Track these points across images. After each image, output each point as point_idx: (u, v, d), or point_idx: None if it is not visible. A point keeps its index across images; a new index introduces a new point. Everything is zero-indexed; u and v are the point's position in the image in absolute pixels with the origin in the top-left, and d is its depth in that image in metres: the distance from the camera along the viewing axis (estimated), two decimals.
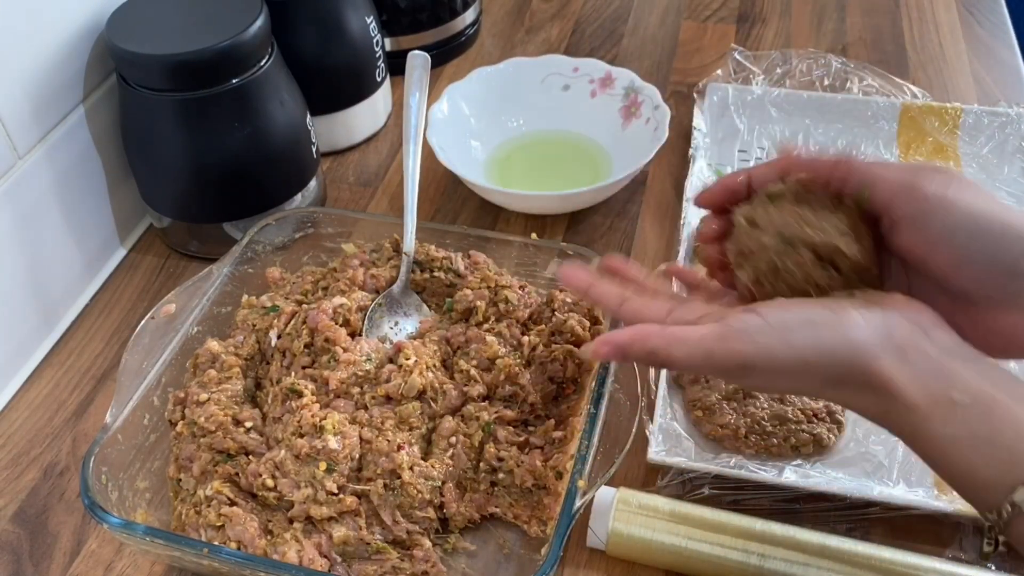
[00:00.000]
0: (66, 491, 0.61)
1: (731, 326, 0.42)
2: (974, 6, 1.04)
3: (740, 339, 0.41)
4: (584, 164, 0.83)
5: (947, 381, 0.39)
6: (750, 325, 0.41)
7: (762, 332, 0.41)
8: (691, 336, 0.42)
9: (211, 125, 0.69)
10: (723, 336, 0.41)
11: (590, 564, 0.56)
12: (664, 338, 0.43)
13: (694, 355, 0.42)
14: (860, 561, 0.51)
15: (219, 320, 0.66)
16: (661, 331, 0.43)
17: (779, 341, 0.40)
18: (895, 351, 0.40)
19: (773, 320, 0.41)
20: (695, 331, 0.42)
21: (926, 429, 0.39)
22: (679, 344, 0.42)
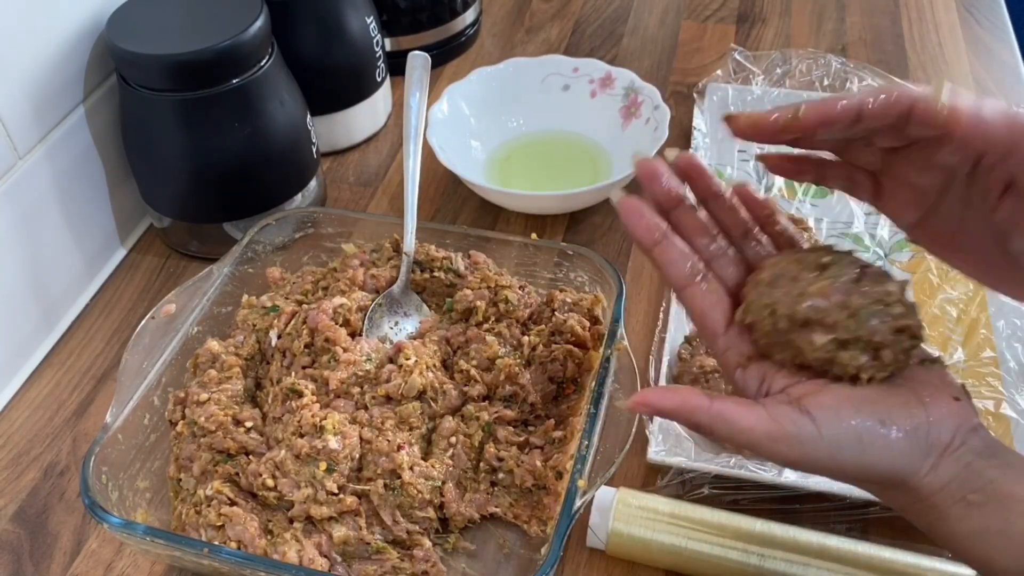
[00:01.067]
0: (66, 491, 0.61)
1: (782, 428, 0.41)
2: (974, 6, 1.04)
3: (789, 445, 0.41)
4: (584, 164, 0.83)
5: (969, 485, 0.40)
6: (803, 433, 0.41)
7: (813, 444, 0.40)
8: (739, 422, 0.41)
9: (211, 125, 0.69)
10: (772, 436, 0.41)
11: (590, 564, 0.56)
12: (710, 417, 0.42)
13: (737, 439, 0.42)
14: (860, 561, 0.51)
15: (219, 320, 0.66)
16: (708, 409, 0.42)
17: (827, 456, 0.41)
18: (930, 463, 0.40)
19: (827, 434, 0.41)
20: (743, 417, 0.41)
21: (945, 526, 0.41)
22: (724, 426, 0.42)
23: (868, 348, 0.42)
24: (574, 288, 0.66)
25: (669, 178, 0.47)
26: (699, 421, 0.42)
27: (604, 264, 0.64)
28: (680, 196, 0.47)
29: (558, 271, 0.68)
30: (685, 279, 0.46)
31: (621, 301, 0.61)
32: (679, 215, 0.47)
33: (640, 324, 0.70)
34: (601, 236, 0.78)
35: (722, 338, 0.46)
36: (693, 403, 0.42)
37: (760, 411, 0.42)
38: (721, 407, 0.42)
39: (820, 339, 0.42)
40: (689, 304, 0.47)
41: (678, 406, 0.42)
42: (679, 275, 0.46)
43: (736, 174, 0.81)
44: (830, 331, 0.42)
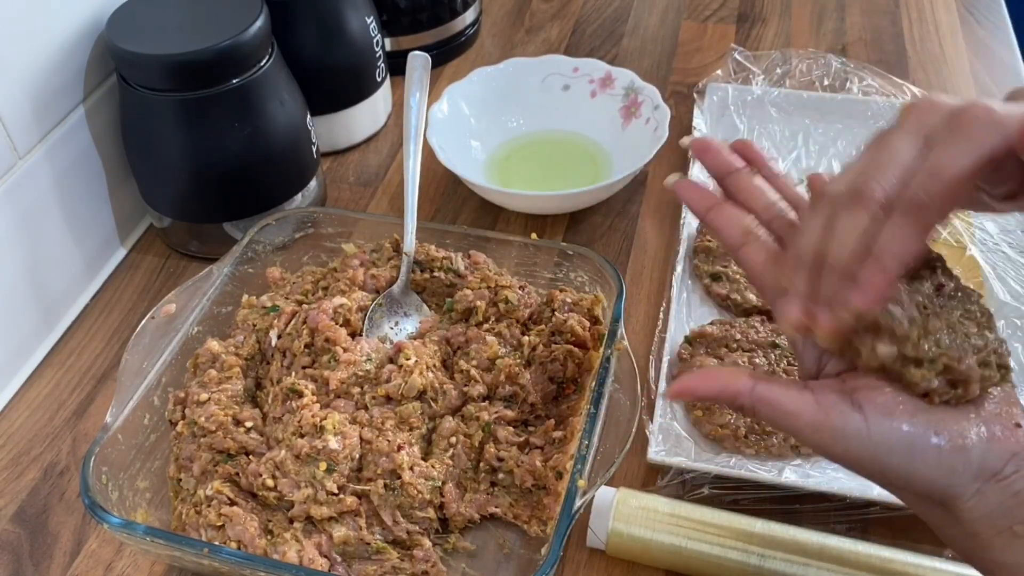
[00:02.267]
0: (66, 491, 0.61)
1: (829, 419, 0.39)
2: (974, 6, 1.04)
3: (833, 437, 0.39)
4: (584, 164, 0.83)
5: (1015, 516, 0.38)
6: (850, 427, 0.39)
7: (859, 441, 0.39)
8: (784, 406, 0.40)
9: (211, 125, 0.69)
10: (816, 426, 0.39)
11: (590, 564, 0.56)
12: (752, 400, 0.40)
13: (780, 424, 0.41)
14: (860, 561, 0.51)
15: (219, 320, 0.66)
16: (750, 392, 0.40)
17: (871, 456, 0.39)
18: (977, 488, 0.38)
19: (876, 432, 0.39)
20: (789, 402, 0.40)
21: (986, 556, 0.39)
22: (768, 409, 0.40)
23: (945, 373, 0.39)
24: (574, 288, 0.66)
25: (721, 148, 0.47)
26: (742, 404, 0.41)
27: (604, 264, 0.64)
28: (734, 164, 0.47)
29: (558, 271, 0.68)
30: (739, 238, 0.45)
31: (621, 301, 0.61)
32: (736, 180, 0.47)
33: (640, 324, 0.70)
34: (601, 236, 0.78)
35: (780, 300, 0.43)
36: (735, 387, 0.41)
37: (807, 397, 0.40)
38: (764, 390, 0.40)
39: (884, 349, 0.39)
40: (745, 264, 0.45)
41: (719, 391, 0.41)
42: (734, 235, 0.45)
43: None
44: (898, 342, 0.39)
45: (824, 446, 0.39)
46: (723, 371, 0.42)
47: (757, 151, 0.47)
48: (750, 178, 0.46)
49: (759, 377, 0.41)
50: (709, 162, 0.47)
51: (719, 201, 0.46)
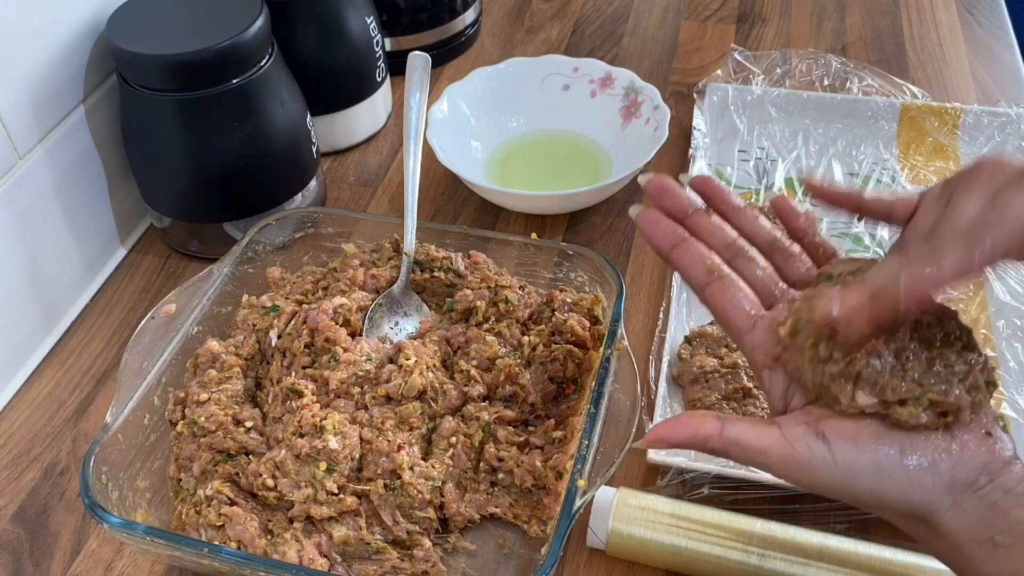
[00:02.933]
0: (66, 491, 0.61)
1: (795, 452, 0.40)
2: (974, 6, 1.04)
3: (801, 469, 0.40)
4: (584, 164, 0.83)
5: (995, 526, 0.38)
6: (816, 458, 0.40)
7: (827, 470, 0.39)
8: (752, 446, 0.41)
9: (211, 125, 0.69)
10: (784, 460, 0.40)
11: (590, 564, 0.56)
12: (723, 443, 0.41)
13: (751, 463, 0.41)
14: (860, 561, 0.51)
15: (219, 320, 0.66)
16: (719, 436, 0.41)
17: (841, 483, 0.40)
18: (952, 500, 0.39)
19: (841, 460, 0.39)
20: (756, 440, 0.41)
21: (970, 566, 0.39)
22: (738, 450, 0.41)
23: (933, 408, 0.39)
24: (574, 288, 0.66)
25: (677, 190, 0.48)
26: (713, 448, 0.41)
27: (604, 264, 0.64)
28: (693, 204, 0.47)
29: (558, 271, 0.68)
30: (704, 278, 0.45)
31: (621, 301, 0.61)
32: (695, 220, 0.47)
33: (640, 324, 0.70)
34: (601, 236, 0.78)
35: (747, 336, 0.45)
36: (704, 432, 0.41)
37: (774, 432, 0.41)
38: (732, 432, 0.41)
39: (865, 399, 0.40)
40: (711, 303, 0.46)
41: (689, 437, 0.42)
42: (698, 275, 0.46)
43: (736, 174, 0.81)
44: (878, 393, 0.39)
45: (795, 478, 0.40)
46: (692, 417, 0.42)
47: (716, 186, 0.48)
48: (707, 218, 0.47)
49: (726, 419, 0.42)
50: (666, 204, 0.47)
51: (683, 238, 0.47)
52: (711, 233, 0.47)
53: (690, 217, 0.47)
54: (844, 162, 0.81)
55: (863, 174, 0.80)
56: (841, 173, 0.80)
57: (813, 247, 0.47)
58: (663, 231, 0.47)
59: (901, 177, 0.80)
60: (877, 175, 0.80)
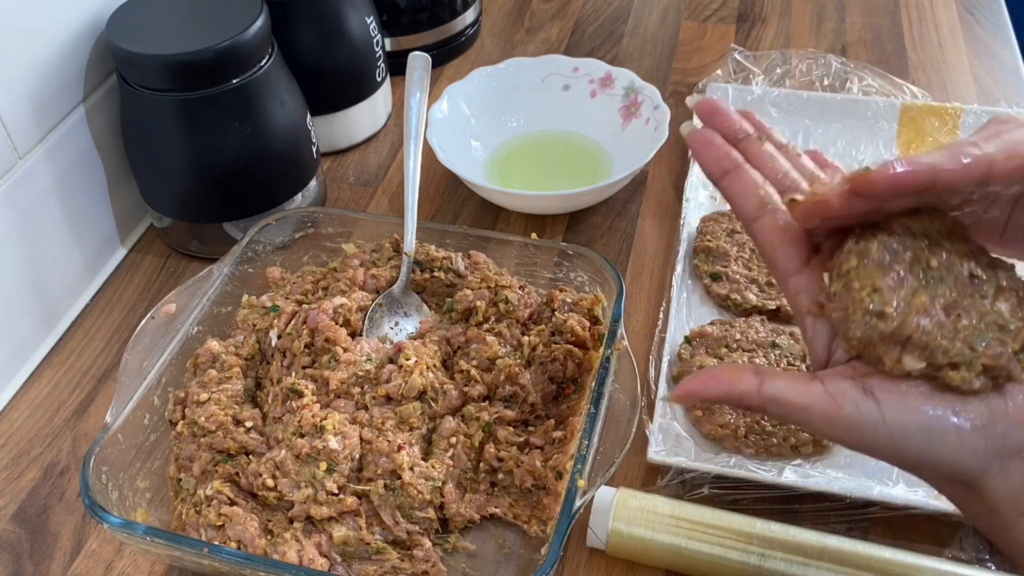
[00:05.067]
0: (66, 491, 0.61)
1: (841, 410, 0.37)
2: (974, 6, 1.04)
3: (847, 428, 0.37)
4: (584, 164, 0.83)
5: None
6: (864, 417, 0.37)
7: (875, 430, 0.37)
8: (792, 402, 0.38)
9: (211, 125, 0.69)
10: (829, 418, 0.37)
11: (590, 564, 0.56)
12: (761, 400, 0.39)
13: (792, 420, 0.39)
14: (860, 561, 0.51)
15: (219, 320, 0.66)
16: (758, 392, 0.39)
17: (888, 443, 0.37)
18: (1000, 465, 0.37)
19: (891, 420, 0.37)
20: (798, 396, 0.38)
21: (1009, 535, 0.38)
22: (776, 406, 0.39)
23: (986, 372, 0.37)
24: (574, 288, 0.66)
25: (729, 112, 0.45)
26: (750, 404, 0.39)
27: (604, 264, 0.64)
28: (744, 129, 0.45)
29: (558, 271, 0.68)
30: (755, 210, 0.42)
31: (621, 301, 0.61)
32: (747, 146, 0.45)
33: (640, 324, 0.70)
34: (601, 236, 0.78)
35: (793, 279, 0.41)
36: (740, 388, 0.39)
37: (817, 388, 0.38)
38: (772, 388, 0.38)
39: (912, 363, 0.37)
40: (758, 238, 0.43)
41: (724, 393, 0.39)
42: (749, 206, 0.43)
43: None
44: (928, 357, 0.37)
45: (839, 437, 0.38)
46: (726, 371, 0.39)
47: (760, 121, 0.46)
48: (760, 145, 0.45)
49: (764, 373, 0.39)
50: (718, 125, 0.45)
51: (736, 164, 0.44)
52: (763, 163, 0.44)
53: (742, 142, 0.45)
54: (844, 162, 0.81)
55: None
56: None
57: None
58: (716, 153, 0.44)
59: None
60: None
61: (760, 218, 0.42)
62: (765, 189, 0.43)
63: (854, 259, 0.39)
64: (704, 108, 0.45)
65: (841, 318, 0.39)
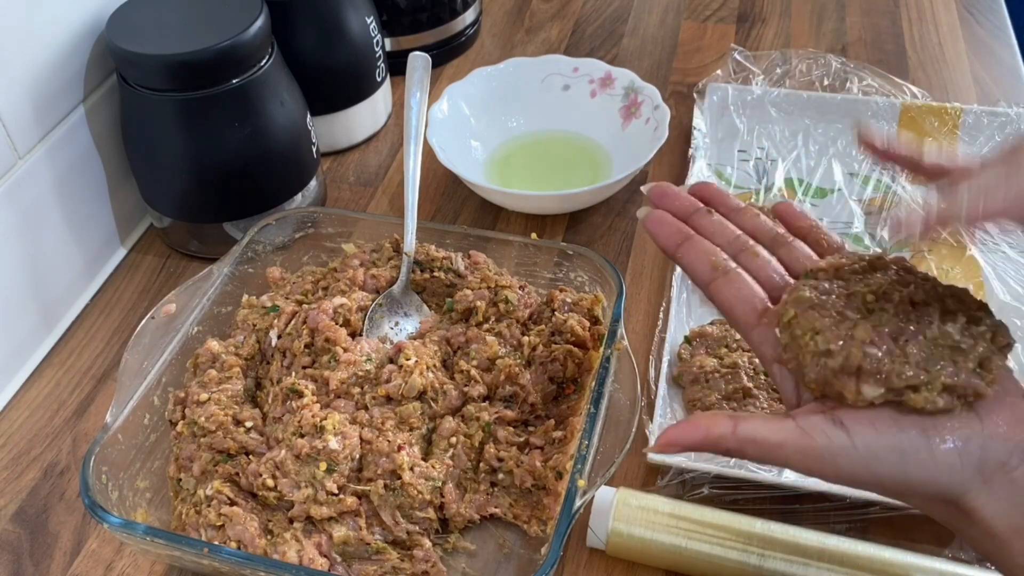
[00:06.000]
0: (66, 491, 0.61)
1: (813, 442, 0.38)
2: (974, 6, 1.04)
3: (822, 460, 0.38)
4: (584, 164, 0.83)
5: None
6: (835, 445, 0.38)
7: (847, 457, 0.38)
8: (768, 440, 0.39)
9: (211, 125, 0.69)
10: (803, 451, 0.38)
11: (590, 564, 0.56)
12: (737, 441, 0.39)
13: (769, 458, 0.40)
14: (860, 561, 0.51)
15: (219, 320, 0.66)
16: (733, 434, 0.40)
17: (863, 470, 0.38)
18: (983, 482, 0.37)
19: (861, 444, 0.38)
20: (771, 435, 0.39)
21: (1005, 556, 0.38)
22: (753, 447, 0.39)
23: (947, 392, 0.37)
24: (574, 288, 0.66)
25: (680, 193, 0.49)
26: (728, 448, 0.40)
27: (604, 264, 0.64)
28: (695, 205, 0.48)
29: (558, 271, 0.68)
30: (709, 274, 0.45)
31: (621, 301, 0.61)
32: (698, 219, 0.48)
33: (640, 324, 0.70)
34: (601, 236, 0.78)
35: (755, 331, 0.44)
36: (717, 432, 0.40)
37: (789, 425, 0.39)
38: (746, 429, 0.40)
39: (871, 391, 0.38)
40: (716, 298, 0.45)
41: (702, 439, 0.40)
42: (704, 271, 0.46)
43: (736, 174, 0.81)
44: (884, 383, 0.38)
45: (815, 470, 0.39)
46: (703, 418, 0.41)
47: (716, 190, 0.49)
48: (710, 217, 0.48)
49: (738, 417, 0.40)
50: (668, 207, 0.49)
51: (688, 235, 0.47)
52: (714, 231, 0.47)
53: (693, 217, 0.48)
54: (844, 162, 0.81)
55: (863, 174, 0.80)
56: (841, 173, 0.80)
57: (818, 244, 0.47)
58: (668, 230, 0.48)
59: (901, 177, 0.80)
60: (877, 175, 0.80)
61: (714, 280, 0.45)
62: (716, 255, 0.46)
63: (791, 309, 0.41)
64: (655, 193, 0.50)
65: (795, 366, 0.41)
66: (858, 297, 0.41)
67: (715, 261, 0.46)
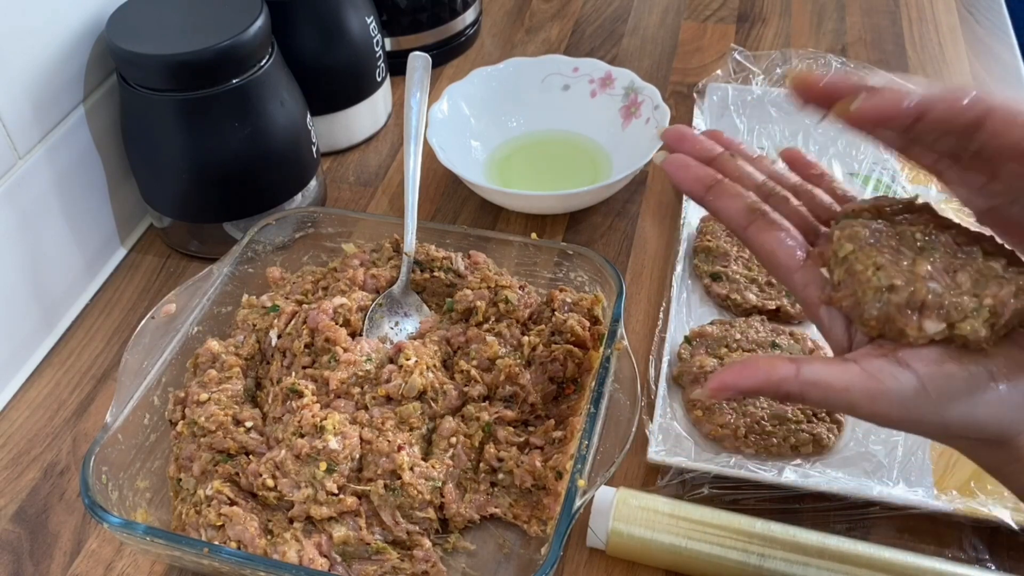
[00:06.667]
0: (66, 491, 0.61)
1: (882, 385, 0.37)
2: (974, 6, 1.04)
3: (890, 402, 0.37)
4: (584, 164, 0.83)
5: None
6: (906, 388, 0.37)
7: (917, 401, 0.37)
8: (833, 384, 0.37)
9: (211, 125, 0.69)
10: (872, 395, 0.37)
11: (590, 564, 0.56)
12: (800, 384, 0.38)
13: (835, 404, 0.38)
14: (860, 561, 0.51)
15: (219, 320, 0.66)
16: (796, 375, 0.38)
17: (933, 413, 0.37)
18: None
19: (933, 387, 0.37)
20: (836, 377, 0.38)
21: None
22: (817, 391, 0.38)
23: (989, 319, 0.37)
24: (574, 288, 0.66)
25: (698, 136, 0.46)
26: (789, 391, 0.38)
27: (604, 264, 0.64)
28: (714, 148, 0.46)
29: (558, 271, 0.68)
30: (746, 217, 0.43)
31: (621, 301, 0.61)
32: (722, 163, 0.46)
33: (640, 324, 0.70)
34: (601, 236, 0.78)
35: (798, 273, 0.42)
36: (778, 375, 0.38)
37: (853, 368, 0.38)
38: (809, 372, 0.38)
39: (933, 327, 0.37)
40: (755, 242, 0.43)
41: (762, 382, 0.38)
42: (739, 215, 0.43)
43: None
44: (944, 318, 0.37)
45: (882, 414, 0.37)
46: (761, 360, 0.38)
47: (728, 138, 0.47)
48: (733, 160, 0.46)
49: (800, 360, 0.39)
50: (687, 150, 0.46)
51: (717, 178, 0.44)
52: (740, 175, 0.45)
53: (716, 160, 0.46)
54: (844, 162, 0.81)
55: (863, 174, 0.80)
56: (841, 173, 0.80)
57: (832, 191, 0.46)
58: (695, 174, 0.45)
59: (901, 177, 0.80)
60: (877, 175, 0.80)
61: (753, 223, 0.43)
62: (751, 197, 0.44)
63: (848, 244, 0.40)
64: (671, 135, 0.47)
65: (853, 303, 0.39)
66: (907, 235, 0.40)
67: (751, 204, 0.43)
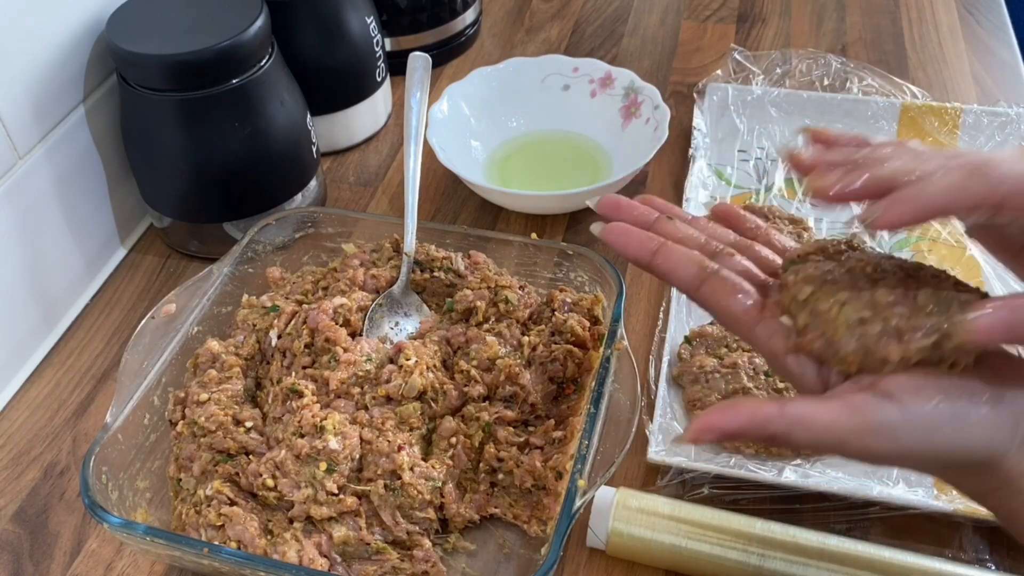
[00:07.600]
0: (66, 491, 0.61)
1: (868, 418, 0.36)
2: (974, 6, 1.04)
3: (879, 436, 0.36)
4: (584, 164, 0.83)
5: None
6: (891, 419, 0.36)
7: (905, 430, 0.36)
8: (818, 421, 0.37)
9: (211, 125, 0.69)
10: (859, 430, 0.36)
11: (590, 564, 0.56)
12: (785, 423, 0.37)
13: (822, 442, 0.37)
14: (860, 561, 0.51)
15: (219, 320, 0.66)
16: (780, 413, 0.37)
17: (921, 442, 0.36)
18: (1020, 443, 0.37)
19: (918, 415, 0.36)
20: (822, 414, 0.37)
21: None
22: (803, 429, 0.37)
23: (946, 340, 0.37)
24: (574, 288, 0.66)
25: (632, 203, 0.47)
26: (774, 432, 0.37)
27: (604, 264, 0.64)
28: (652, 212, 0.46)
29: (558, 271, 0.68)
30: (697, 277, 0.43)
31: (621, 301, 0.61)
32: (662, 226, 0.46)
33: (640, 324, 0.70)
34: None
35: (759, 327, 0.42)
36: (762, 415, 0.37)
37: (837, 404, 0.37)
38: (794, 411, 0.37)
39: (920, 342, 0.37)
40: (709, 302, 0.43)
41: (746, 423, 0.37)
42: (689, 276, 0.43)
43: (736, 174, 0.81)
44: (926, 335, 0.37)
45: (873, 448, 0.37)
46: (744, 401, 0.38)
47: (662, 202, 0.48)
48: (672, 223, 0.46)
49: (783, 399, 0.39)
50: (625, 218, 0.46)
51: (661, 242, 0.44)
52: (682, 236, 0.45)
53: (655, 224, 0.46)
54: None
55: None
56: None
57: (770, 244, 0.46)
58: (638, 239, 0.45)
59: None
60: None
61: (704, 282, 0.43)
62: (699, 257, 0.44)
63: (807, 287, 0.40)
64: (606, 205, 0.47)
65: (824, 344, 0.39)
66: (857, 271, 0.40)
67: (700, 263, 0.43)
